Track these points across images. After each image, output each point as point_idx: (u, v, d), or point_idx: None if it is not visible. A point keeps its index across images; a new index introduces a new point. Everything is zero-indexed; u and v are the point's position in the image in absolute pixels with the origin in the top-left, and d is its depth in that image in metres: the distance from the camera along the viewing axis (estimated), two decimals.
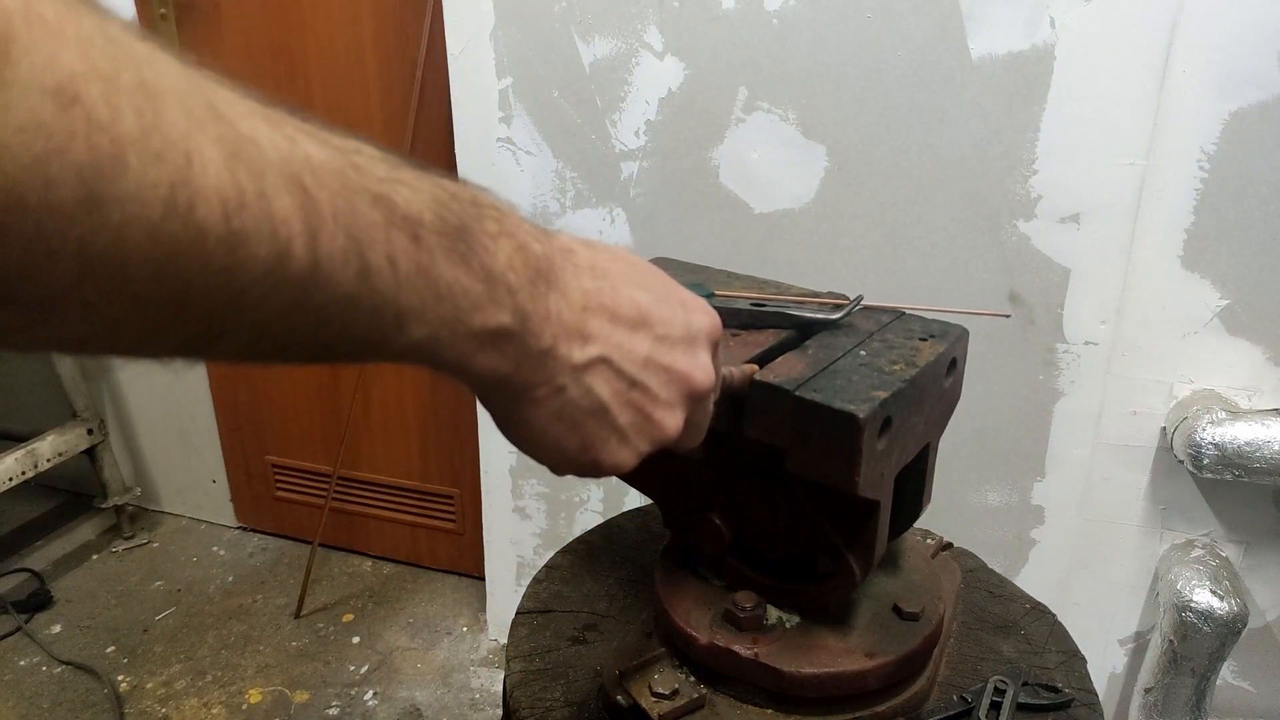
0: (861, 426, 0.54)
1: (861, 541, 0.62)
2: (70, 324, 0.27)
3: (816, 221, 1.62)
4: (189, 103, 0.27)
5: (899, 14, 1.46)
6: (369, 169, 0.34)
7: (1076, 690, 0.70)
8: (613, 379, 0.43)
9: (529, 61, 1.69)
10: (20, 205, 0.23)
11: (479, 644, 2.18)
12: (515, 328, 0.39)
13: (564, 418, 0.43)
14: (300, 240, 0.30)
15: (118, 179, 0.24)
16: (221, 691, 2.01)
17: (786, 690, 0.63)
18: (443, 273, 0.36)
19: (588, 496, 1.96)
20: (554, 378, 0.42)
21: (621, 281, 0.44)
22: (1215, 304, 1.47)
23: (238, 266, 0.28)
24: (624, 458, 0.46)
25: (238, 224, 0.28)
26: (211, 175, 0.27)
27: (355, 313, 0.33)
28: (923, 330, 0.68)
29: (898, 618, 0.67)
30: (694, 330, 0.47)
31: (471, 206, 0.38)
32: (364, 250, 0.32)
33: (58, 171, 0.23)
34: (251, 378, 2.42)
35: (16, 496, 2.39)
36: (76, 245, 0.24)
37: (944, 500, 1.70)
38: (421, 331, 0.36)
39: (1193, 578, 1.48)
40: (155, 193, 0.25)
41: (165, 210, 0.26)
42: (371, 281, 0.33)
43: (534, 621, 0.79)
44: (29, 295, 0.25)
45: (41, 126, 0.23)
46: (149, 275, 0.27)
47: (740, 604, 0.65)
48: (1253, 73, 1.34)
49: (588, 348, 0.42)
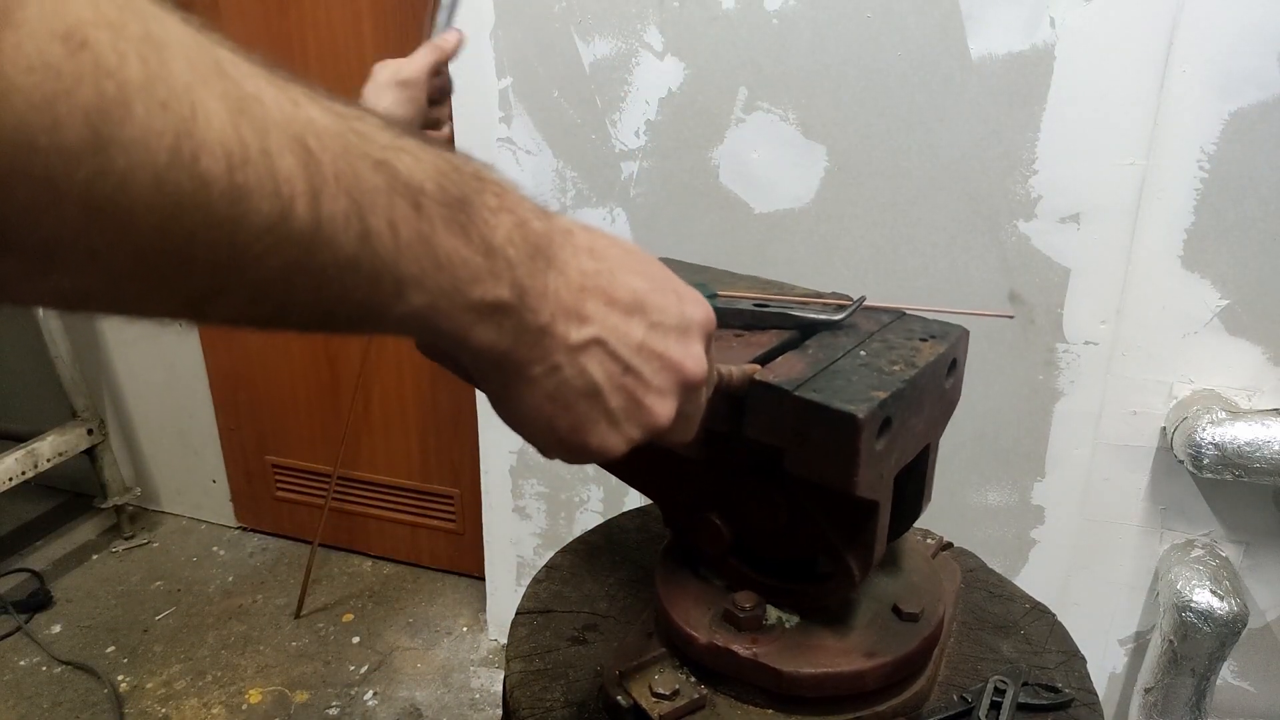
0: (860, 426, 0.54)
1: (861, 542, 0.62)
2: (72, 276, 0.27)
3: (816, 221, 1.62)
4: (194, 57, 0.27)
5: (899, 14, 1.46)
6: (372, 135, 0.34)
7: (1076, 690, 0.70)
8: (607, 361, 0.43)
9: (529, 61, 1.69)
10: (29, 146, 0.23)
11: (479, 644, 2.18)
12: (513, 302, 0.39)
13: (557, 398, 0.43)
14: (303, 200, 0.30)
15: (124, 123, 0.25)
16: (221, 692, 2.01)
17: (785, 690, 0.63)
18: (442, 242, 0.36)
19: (588, 496, 1.96)
20: (549, 355, 0.42)
21: (619, 267, 0.44)
22: (1215, 304, 1.47)
23: (241, 220, 0.29)
24: (613, 442, 0.45)
25: (241, 178, 0.28)
26: (215, 128, 0.27)
27: (355, 277, 0.33)
28: (923, 331, 0.68)
29: (897, 618, 0.67)
30: (688, 320, 0.47)
31: (473, 180, 0.38)
32: (365, 214, 0.33)
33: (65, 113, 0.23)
34: (251, 378, 2.42)
35: (16, 496, 2.39)
36: (83, 189, 0.25)
37: (944, 500, 1.70)
38: (421, 300, 0.36)
39: (1193, 578, 1.48)
40: (160, 140, 0.26)
41: (170, 158, 0.26)
42: (372, 245, 0.33)
43: (534, 621, 0.79)
44: (33, 241, 0.25)
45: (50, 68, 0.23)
46: (153, 225, 0.27)
47: (740, 604, 0.65)
48: (1253, 73, 1.34)
49: (584, 328, 0.42)
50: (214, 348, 2.44)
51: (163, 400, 2.57)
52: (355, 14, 1.98)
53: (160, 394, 2.57)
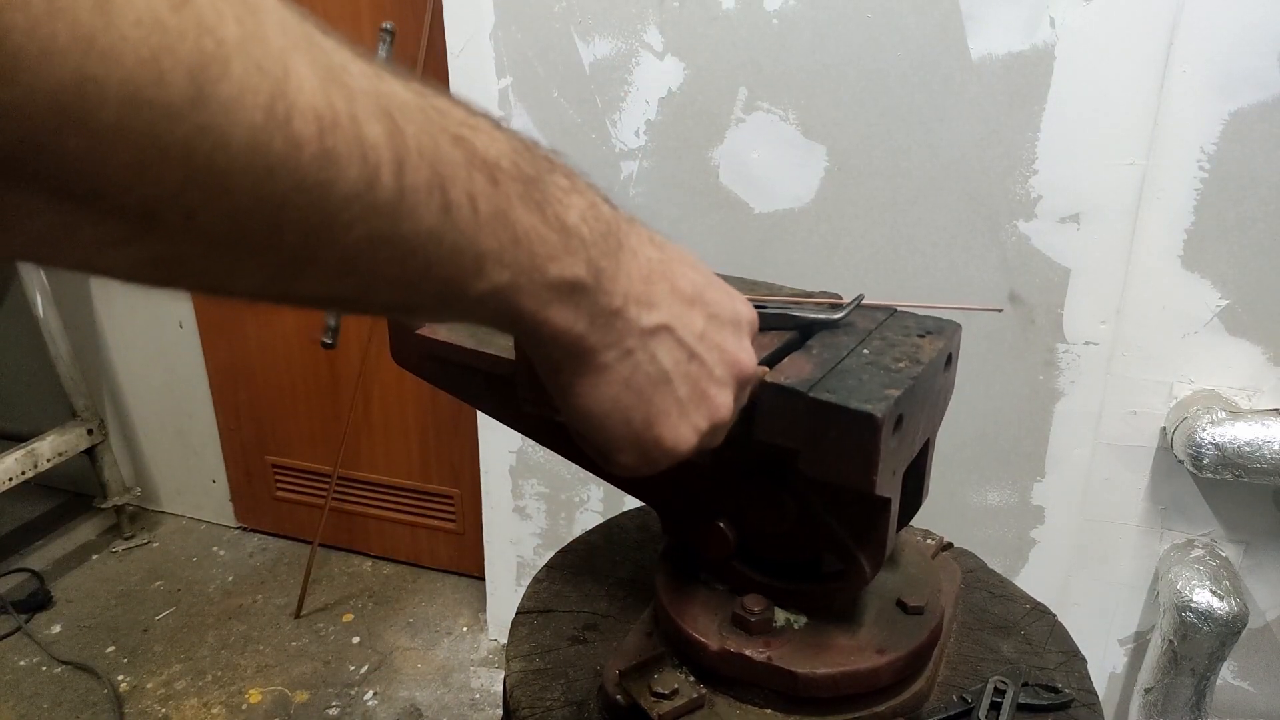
0: (879, 426, 0.54)
1: (873, 539, 0.62)
2: (168, 240, 0.28)
3: (816, 221, 1.62)
4: (286, 24, 0.28)
5: (899, 14, 1.46)
6: (449, 112, 0.34)
7: (1076, 690, 0.70)
8: (675, 349, 0.43)
9: (529, 61, 1.69)
10: (135, 99, 0.24)
11: (479, 644, 2.18)
12: (589, 281, 0.39)
13: (632, 386, 0.43)
14: (388, 168, 0.31)
15: (221, 81, 0.25)
16: (221, 691, 2.01)
17: (801, 692, 0.63)
18: (520, 218, 0.36)
19: (588, 496, 1.96)
20: (623, 340, 0.42)
21: (677, 259, 0.45)
22: (1215, 304, 1.47)
23: (330, 186, 0.29)
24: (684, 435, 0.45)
25: (330, 142, 0.28)
26: (307, 92, 0.28)
27: (438, 249, 0.34)
28: (919, 327, 0.68)
29: (902, 612, 0.67)
30: (739, 316, 0.48)
31: (545, 160, 0.39)
32: (446, 186, 0.33)
33: (170, 68, 0.24)
34: (252, 378, 2.42)
35: (16, 496, 2.39)
36: (183, 147, 0.25)
37: (944, 500, 1.70)
38: (501, 276, 0.36)
39: (1193, 578, 1.48)
40: (256, 99, 0.26)
41: (265, 118, 0.26)
42: (453, 218, 0.34)
43: (534, 621, 0.79)
44: (134, 201, 0.26)
45: (157, 23, 0.24)
46: (248, 185, 0.27)
47: (749, 608, 0.65)
48: (1253, 73, 1.34)
49: (654, 313, 0.43)
50: (214, 348, 2.44)
51: (162, 400, 2.57)
52: (354, 13, 1.99)
53: (160, 394, 2.57)
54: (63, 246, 0.27)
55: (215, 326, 2.41)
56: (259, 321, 2.35)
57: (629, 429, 0.44)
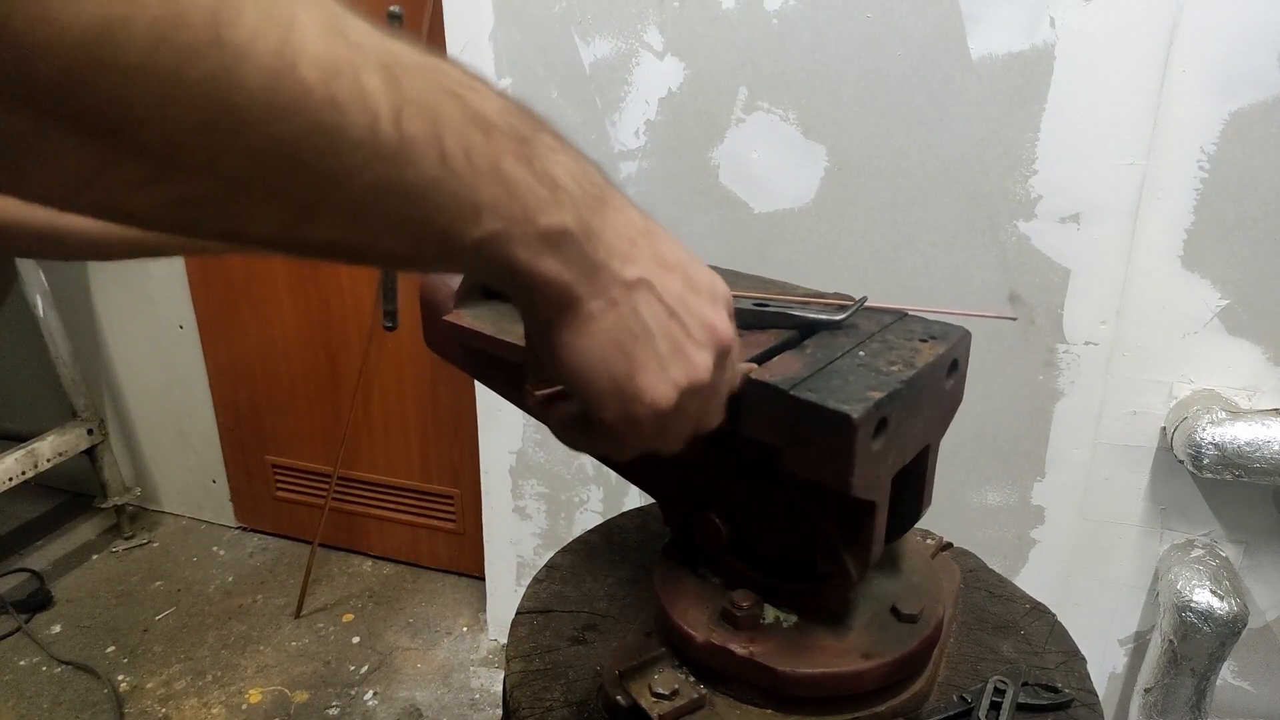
0: (856, 427, 0.54)
1: (858, 542, 0.62)
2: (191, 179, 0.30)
3: (816, 221, 1.62)
4: None
5: (899, 14, 1.46)
6: (447, 70, 0.37)
7: (1076, 690, 0.70)
8: (654, 304, 0.46)
9: (529, 61, 1.69)
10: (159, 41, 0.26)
11: (479, 644, 2.18)
12: (577, 232, 0.42)
13: (615, 338, 0.45)
14: (387, 117, 0.33)
15: (236, 25, 0.28)
16: (221, 691, 2.01)
17: (782, 690, 0.63)
18: (512, 172, 0.39)
19: (588, 496, 1.96)
20: (607, 289, 0.44)
21: (659, 231, 0.48)
22: (1215, 304, 1.47)
23: (338, 131, 0.31)
24: (664, 390, 0.46)
25: (334, 89, 0.31)
26: (311, 41, 0.30)
27: (439, 197, 0.36)
28: (924, 331, 0.68)
29: (896, 619, 0.67)
30: (716, 290, 0.49)
31: (533, 120, 0.41)
32: (443, 137, 0.35)
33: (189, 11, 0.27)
34: (252, 378, 2.42)
35: (16, 496, 2.39)
36: (202, 86, 0.27)
37: (944, 500, 1.70)
38: (496, 225, 0.39)
39: (1193, 578, 1.48)
40: (266, 44, 0.29)
41: (274, 62, 0.29)
42: (451, 167, 0.36)
43: (534, 621, 0.79)
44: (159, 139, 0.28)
45: None
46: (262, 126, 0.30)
47: (737, 603, 0.65)
48: (1253, 73, 1.34)
49: (635, 267, 0.45)
50: (214, 348, 2.44)
51: (162, 400, 2.57)
52: None
53: (160, 394, 2.57)
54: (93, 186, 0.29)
55: (215, 327, 2.41)
56: (259, 321, 2.35)
57: (612, 381, 0.46)
